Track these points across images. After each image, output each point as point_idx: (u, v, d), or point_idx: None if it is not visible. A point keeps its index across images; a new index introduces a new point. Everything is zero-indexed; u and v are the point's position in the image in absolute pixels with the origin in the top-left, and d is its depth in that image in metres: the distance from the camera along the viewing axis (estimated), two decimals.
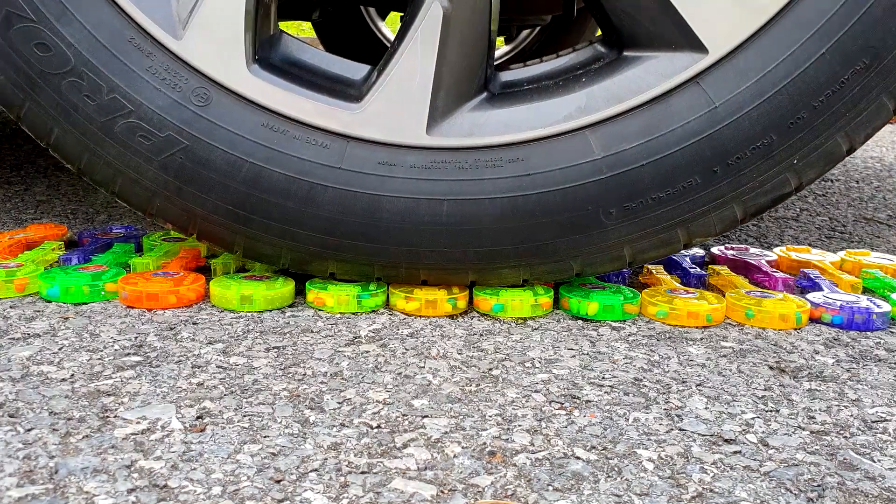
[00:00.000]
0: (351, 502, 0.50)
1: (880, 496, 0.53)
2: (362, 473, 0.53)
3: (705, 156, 0.76)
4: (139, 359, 0.70)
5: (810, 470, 0.56)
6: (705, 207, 0.78)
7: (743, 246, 1.08)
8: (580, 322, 0.82)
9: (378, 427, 0.59)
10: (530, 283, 0.84)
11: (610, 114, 0.76)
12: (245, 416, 0.60)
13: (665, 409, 0.64)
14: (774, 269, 0.98)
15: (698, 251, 1.05)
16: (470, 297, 0.85)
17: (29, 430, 0.57)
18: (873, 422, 0.63)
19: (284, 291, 0.83)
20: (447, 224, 0.79)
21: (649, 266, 0.97)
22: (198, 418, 0.59)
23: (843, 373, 0.72)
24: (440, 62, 0.76)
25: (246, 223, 0.80)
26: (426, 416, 0.61)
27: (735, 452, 0.58)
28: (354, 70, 0.81)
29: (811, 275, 0.96)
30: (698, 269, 0.96)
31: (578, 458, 0.56)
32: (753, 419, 0.63)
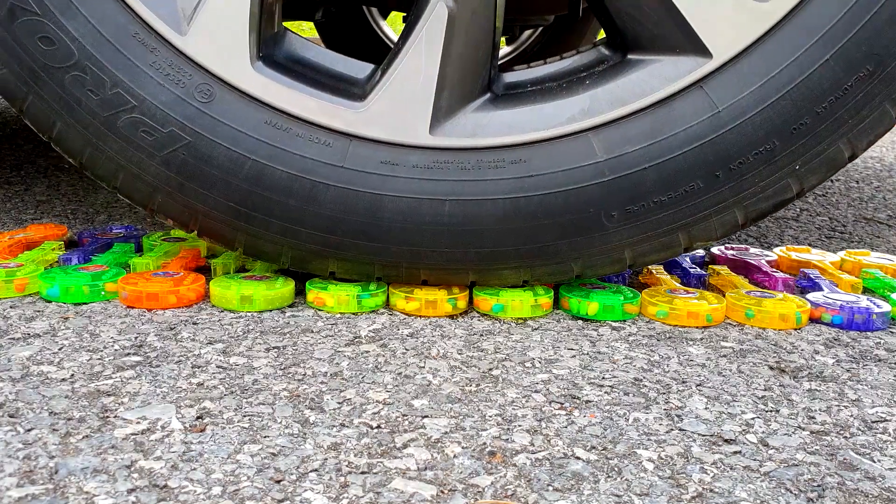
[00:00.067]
0: (351, 502, 0.50)
1: (880, 496, 0.53)
2: (362, 473, 0.53)
3: (708, 160, 0.76)
4: (139, 359, 0.70)
5: (810, 470, 0.56)
6: (707, 212, 0.78)
7: (743, 246, 1.08)
8: (580, 322, 0.82)
9: (378, 427, 0.59)
10: (530, 284, 0.84)
11: (613, 116, 0.76)
12: (245, 416, 0.60)
13: (665, 409, 0.64)
14: (774, 269, 0.98)
15: (698, 251, 1.05)
16: (470, 298, 0.85)
17: (29, 430, 0.57)
18: (873, 422, 0.63)
19: (284, 291, 0.83)
20: (449, 224, 0.79)
21: (649, 266, 0.97)
22: (198, 418, 0.60)
23: (843, 373, 0.72)
24: (444, 62, 0.76)
25: (247, 220, 0.80)
26: (426, 416, 0.61)
27: (735, 452, 0.58)
28: (358, 69, 0.81)
29: (811, 275, 0.96)
30: (698, 269, 0.96)
31: (578, 458, 0.56)
32: (753, 419, 0.63)
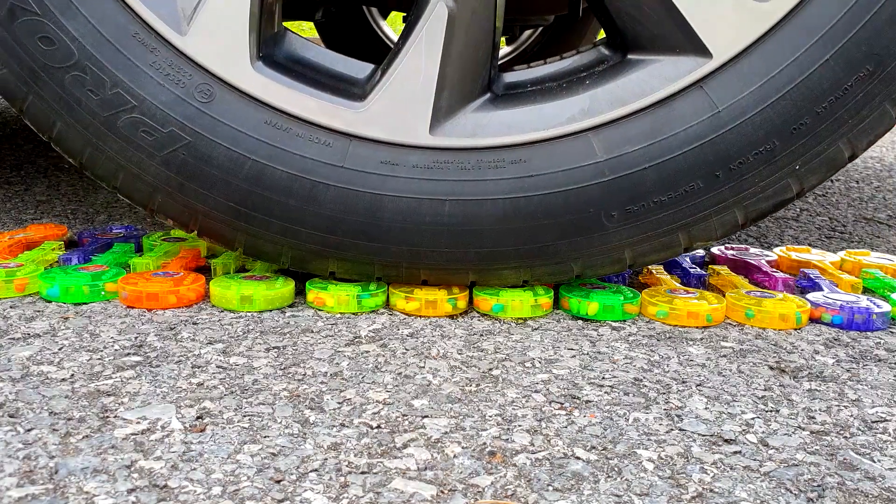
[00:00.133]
0: (351, 502, 0.50)
1: (880, 496, 0.53)
2: (362, 473, 0.53)
3: (708, 160, 0.76)
4: (139, 359, 0.70)
5: (810, 470, 0.56)
6: (707, 212, 0.78)
7: (743, 246, 1.08)
8: (580, 322, 0.82)
9: (378, 427, 0.59)
10: (530, 284, 0.84)
11: (613, 116, 0.76)
12: (245, 416, 0.60)
13: (665, 409, 0.64)
14: (774, 269, 0.98)
15: (698, 251, 1.05)
16: (470, 298, 0.85)
17: (29, 430, 0.57)
18: (873, 422, 0.63)
19: (284, 291, 0.83)
20: (449, 224, 0.79)
21: (649, 266, 0.97)
22: (198, 418, 0.59)
23: (843, 373, 0.72)
24: (444, 62, 0.76)
25: (247, 220, 0.80)
26: (426, 416, 0.61)
27: (735, 452, 0.58)
28: (358, 69, 0.81)
29: (811, 275, 0.96)
30: (698, 269, 0.96)
31: (578, 458, 0.56)
32: (753, 419, 0.63)
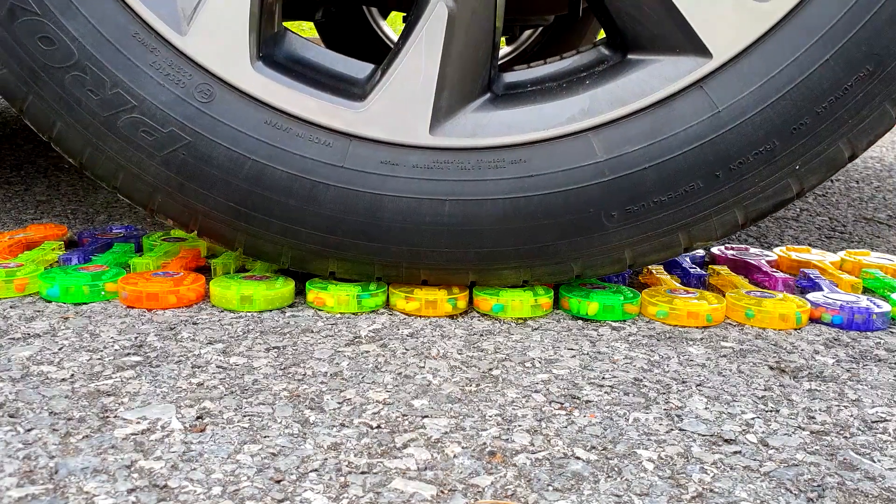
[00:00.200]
0: (351, 502, 0.50)
1: (880, 496, 0.53)
2: (362, 473, 0.53)
3: (708, 160, 0.76)
4: (139, 359, 0.70)
5: (810, 470, 0.56)
6: (707, 212, 0.78)
7: (743, 246, 1.08)
8: (580, 322, 0.82)
9: (378, 427, 0.59)
10: (530, 284, 0.84)
11: (613, 116, 0.76)
12: (245, 416, 0.60)
13: (665, 409, 0.64)
14: (774, 269, 0.98)
15: (698, 251, 1.05)
16: (470, 298, 0.85)
17: (29, 430, 0.57)
18: (873, 422, 0.63)
19: (284, 291, 0.83)
20: (449, 224, 0.79)
21: (649, 266, 0.97)
22: (198, 418, 0.59)
23: (843, 373, 0.72)
24: (444, 62, 0.76)
25: (247, 220, 0.80)
26: (426, 416, 0.61)
27: (735, 452, 0.58)
28: (358, 69, 0.81)
29: (811, 275, 0.96)
30: (698, 269, 0.96)
31: (578, 458, 0.56)
32: (753, 419, 0.63)
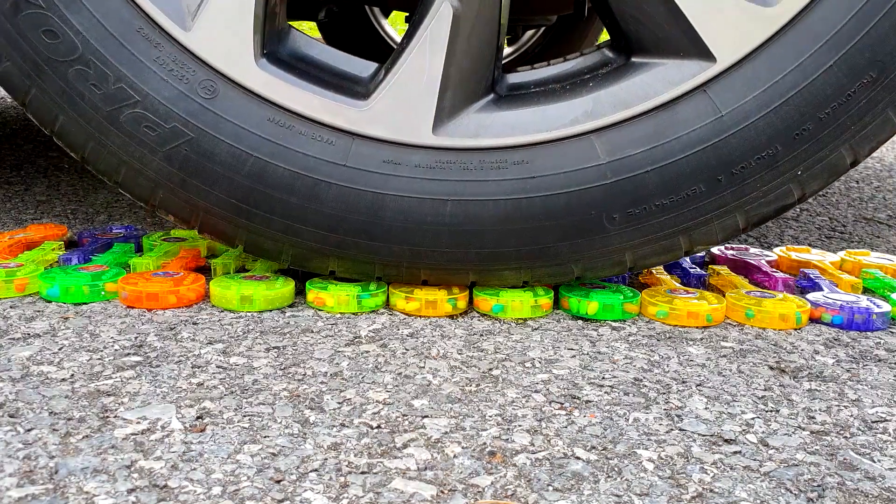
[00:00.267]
0: (351, 502, 0.50)
1: (880, 496, 0.53)
2: (362, 473, 0.53)
3: (710, 164, 0.76)
4: (139, 359, 0.70)
5: (810, 470, 0.56)
6: (708, 216, 0.78)
7: (743, 246, 1.08)
8: (580, 322, 0.82)
9: (378, 427, 0.59)
10: (531, 285, 0.84)
11: (616, 119, 0.76)
12: (245, 416, 0.60)
13: (665, 409, 0.64)
14: (774, 269, 0.98)
15: None
16: (470, 298, 0.85)
17: (29, 430, 0.57)
18: (873, 422, 0.63)
19: (284, 291, 0.83)
20: (450, 224, 0.79)
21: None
22: (198, 418, 0.60)
23: (843, 373, 0.72)
24: (448, 62, 0.76)
25: (249, 218, 0.80)
26: (426, 416, 0.61)
27: (735, 452, 0.58)
28: (362, 67, 0.81)
29: (811, 275, 0.96)
30: (698, 269, 0.96)
31: (578, 458, 0.56)
32: (753, 419, 0.63)
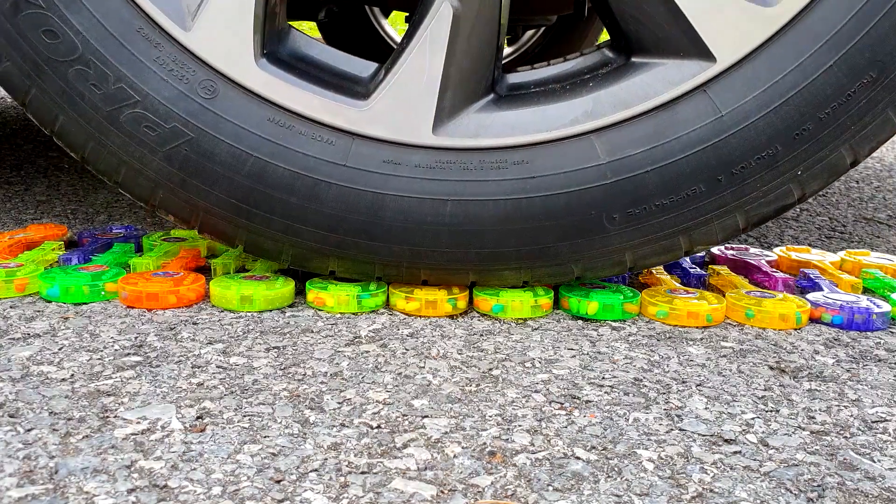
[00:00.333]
0: (351, 502, 0.50)
1: (880, 496, 0.53)
2: (362, 473, 0.53)
3: (710, 164, 0.76)
4: (139, 359, 0.70)
5: (810, 470, 0.56)
6: (708, 216, 0.78)
7: (743, 246, 1.08)
8: (580, 322, 0.82)
9: (378, 427, 0.59)
10: (530, 285, 0.84)
11: (616, 119, 0.76)
12: (245, 416, 0.60)
13: (665, 409, 0.64)
14: (774, 269, 0.98)
15: None
16: (470, 298, 0.85)
17: (29, 430, 0.57)
18: (873, 422, 0.63)
19: (284, 291, 0.83)
20: (450, 224, 0.79)
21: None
22: (198, 418, 0.60)
23: (843, 373, 0.72)
24: (448, 62, 0.76)
25: (249, 217, 0.80)
26: (426, 416, 0.61)
27: (735, 452, 0.58)
28: (362, 67, 0.81)
29: (811, 275, 0.96)
30: (698, 269, 0.96)
31: (578, 458, 0.56)
32: (753, 419, 0.63)
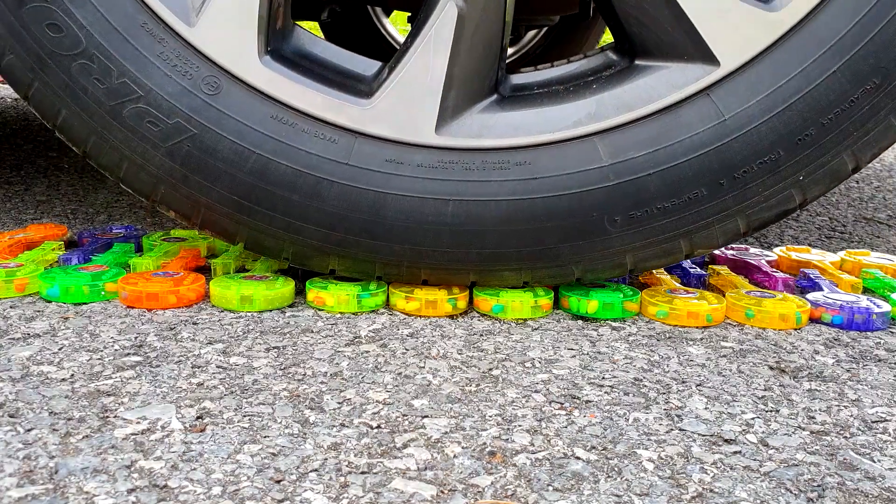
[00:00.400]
0: (351, 502, 0.50)
1: (880, 496, 0.53)
2: (362, 473, 0.53)
3: (712, 168, 0.76)
4: (139, 359, 0.70)
5: (810, 470, 0.56)
6: (709, 219, 0.78)
7: (743, 246, 1.08)
8: (580, 322, 0.82)
9: (378, 427, 0.59)
10: (531, 286, 0.84)
11: (619, 122, 0.76)
12: (245, 416, 0.60)
13: (665, 409, 0.64)
14: (774, 269, 0.98)
15: None
16: (470, 298, 0.85)
17: (29, 430, 0.57)
18: (873, 422, 0.63)
19: (284, 291, 0.83)
20: (451, 224, 0.79)
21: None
22: (198, 418, 0.59)
23: (843, 373, 0.72)
24: (452, 62, 0.76)
25: (250, 214, 0.80)
26: (426, 416, 0.61)
27: (735, 452, 0.58)
28: (366, 66, 0.81)
29: (811, 275, 0.96)
30: (698, 269, 0.96)
31: (578, 458, 0.56)
32: (753, 419, 0.63)
